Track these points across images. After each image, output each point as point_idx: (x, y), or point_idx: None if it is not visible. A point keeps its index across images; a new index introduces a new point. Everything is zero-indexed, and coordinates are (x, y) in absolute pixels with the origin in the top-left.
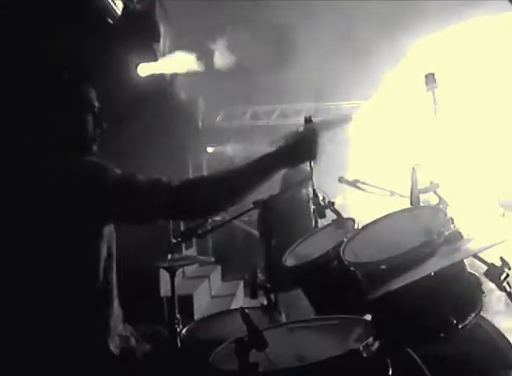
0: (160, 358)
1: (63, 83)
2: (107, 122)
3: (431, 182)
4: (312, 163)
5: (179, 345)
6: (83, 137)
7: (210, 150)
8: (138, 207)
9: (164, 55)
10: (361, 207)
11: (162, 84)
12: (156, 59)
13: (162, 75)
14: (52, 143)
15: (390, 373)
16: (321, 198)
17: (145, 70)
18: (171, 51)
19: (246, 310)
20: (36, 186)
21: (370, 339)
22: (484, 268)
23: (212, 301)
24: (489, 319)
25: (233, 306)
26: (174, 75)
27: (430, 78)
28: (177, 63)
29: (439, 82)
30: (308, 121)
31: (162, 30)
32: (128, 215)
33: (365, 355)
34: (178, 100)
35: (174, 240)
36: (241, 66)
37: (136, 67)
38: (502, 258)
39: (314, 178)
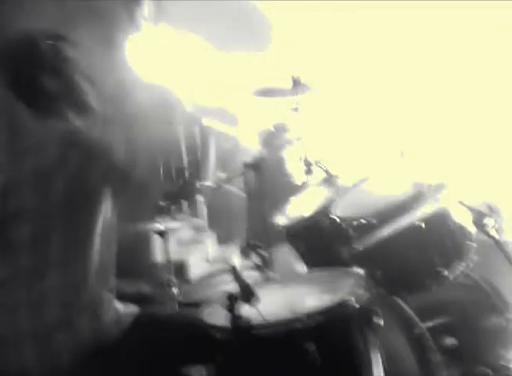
0: (150, 319)
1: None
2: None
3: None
4: None
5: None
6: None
7: None
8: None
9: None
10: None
11: None
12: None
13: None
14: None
15: (381, 323)
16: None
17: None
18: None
19: (240, 269)
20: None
21: (361, 290)
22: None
23: (208, 265)
24: None
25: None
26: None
27: (296, 82)
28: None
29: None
30: (296, 82)
31: None
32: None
33: (356, 305)
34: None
35: (162, 203)
36: None
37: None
38: (489, 205)
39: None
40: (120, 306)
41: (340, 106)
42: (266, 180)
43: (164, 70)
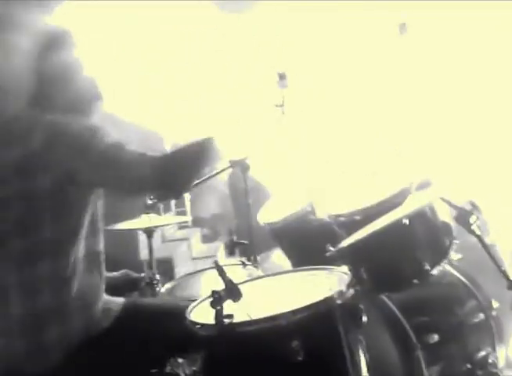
0: (138, 308)
1: None
2: None
3: None
4: None
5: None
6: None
7: None
8: (123, 178)
9: None
10: None
11: None
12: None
13: None
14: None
15: (364, 319)
16: None
17: None
18: None
19: (225, 266)
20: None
21: (345, 287)
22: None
23: (193, 263)
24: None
25: None
26: None
27: (282, 77)
28: None
29: None
30: (281, 76)
31: None
32: (114, 184)
33: (339, 302)
34: None
35: (149, 201)
36: None
37: None
38: (472, 203)
39: None
40: (108, 296)
41: (332, 108)
42: (252, 177)
43: None
